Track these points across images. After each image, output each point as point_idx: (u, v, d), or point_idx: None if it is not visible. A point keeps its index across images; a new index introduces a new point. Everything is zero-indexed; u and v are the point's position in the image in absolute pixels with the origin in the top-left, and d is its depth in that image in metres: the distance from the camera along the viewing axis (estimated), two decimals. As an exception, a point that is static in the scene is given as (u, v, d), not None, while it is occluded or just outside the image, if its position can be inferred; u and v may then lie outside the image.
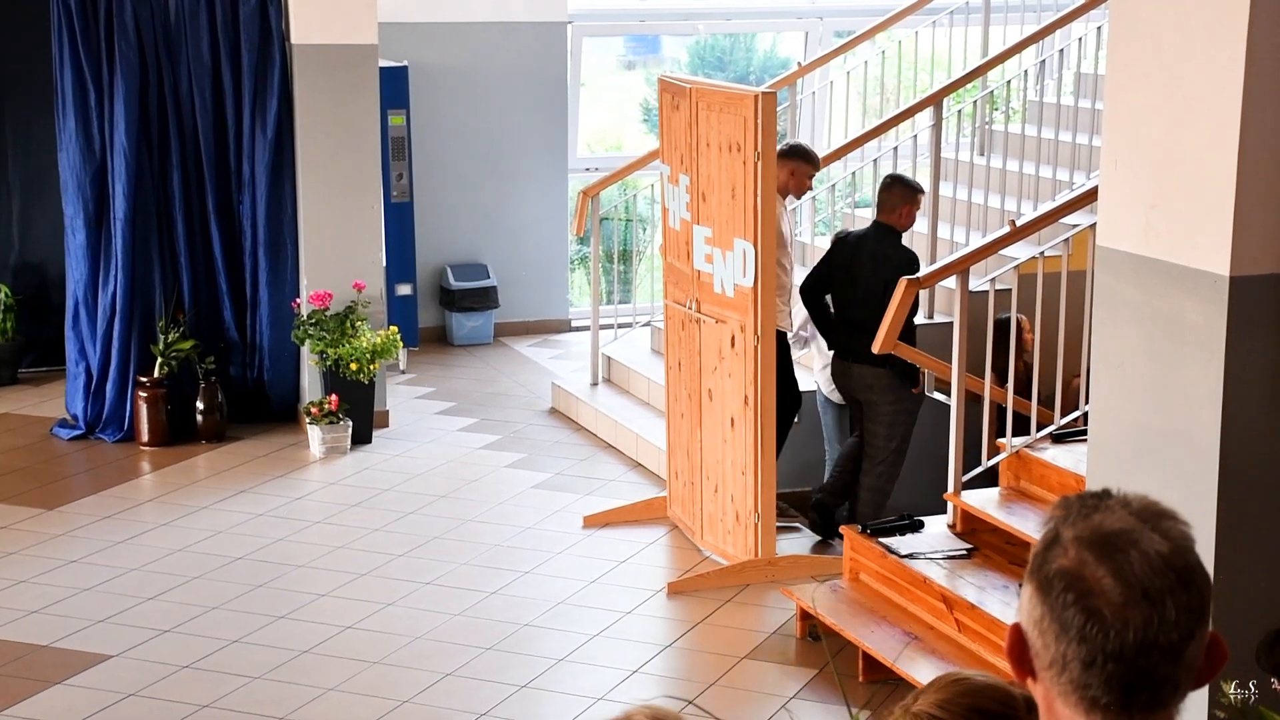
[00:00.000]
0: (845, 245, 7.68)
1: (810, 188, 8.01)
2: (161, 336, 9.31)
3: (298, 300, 9.41)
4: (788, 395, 7.59)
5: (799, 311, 8.02)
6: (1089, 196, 6.90)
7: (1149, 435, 4.44)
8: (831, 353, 7.76)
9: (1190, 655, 1.81)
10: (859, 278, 7.55)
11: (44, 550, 7.67)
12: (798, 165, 7.78)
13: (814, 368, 8.14)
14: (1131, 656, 1.78)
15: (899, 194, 7.58)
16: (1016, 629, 1.88)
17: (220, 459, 9.09)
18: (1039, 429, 6.93)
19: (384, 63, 10.04)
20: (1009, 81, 9.81)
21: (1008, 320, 7.32)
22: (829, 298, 7.73)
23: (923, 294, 7.83)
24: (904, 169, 9.14)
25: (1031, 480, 6.77)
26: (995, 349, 7.09)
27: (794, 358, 8.29)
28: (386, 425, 9.55)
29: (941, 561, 6.54)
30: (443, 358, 11.23)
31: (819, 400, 8.08)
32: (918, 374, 7.52)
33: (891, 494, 7.81)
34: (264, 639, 6.70)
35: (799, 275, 8.08)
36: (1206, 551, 4.26)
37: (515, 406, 10.08)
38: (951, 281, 6.92)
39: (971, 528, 6.79)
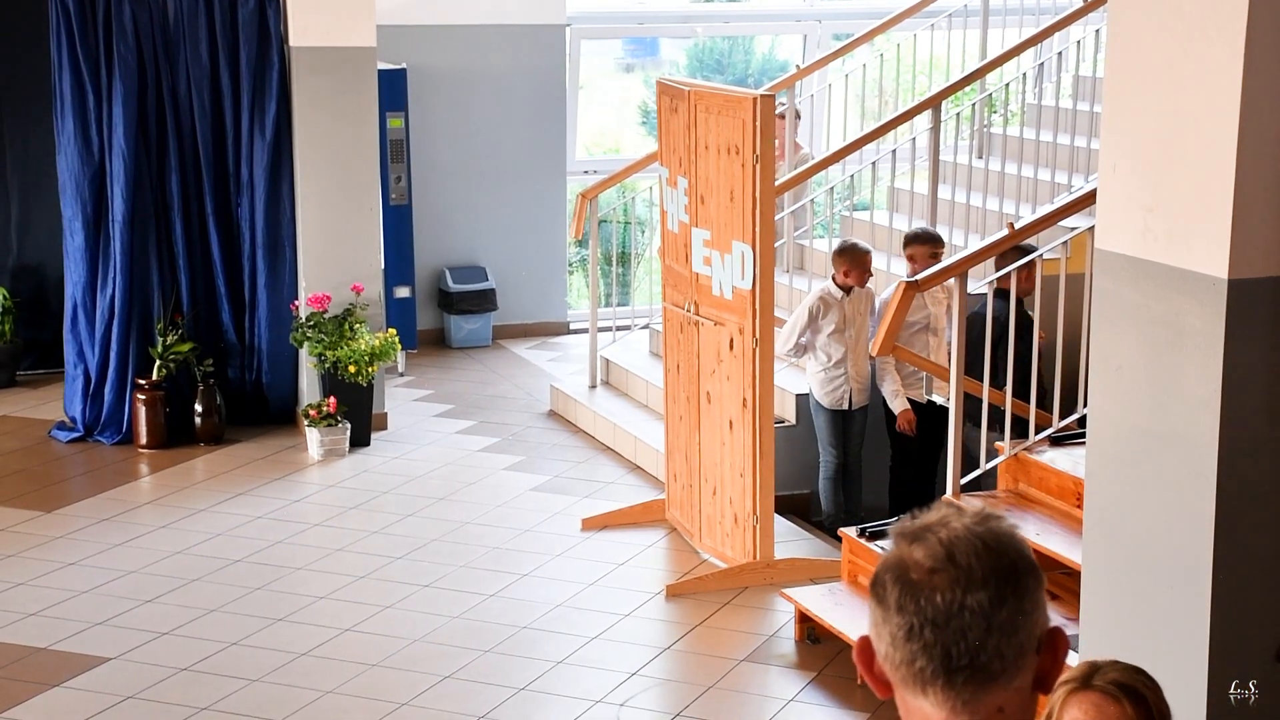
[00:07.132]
0: None
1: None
2: (160, 339, 9.30)
3: (296, 303, 9.40)
4: (928, 456, 7.88)
5: (792, 323, 8.07)
6: (1087, 199, 6.90)
7: (1147, 438, 4.44)
8: (829, 358, 7.87)
9: (1007, 624, 1.82)
10: None
11: (42, 553, 7.67)
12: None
13: (807, 371, 8.15)
14: (944, 620, 1.82)
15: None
16: (863, 639, 1.94)
17: (218, 461, 9.09)
18: (1037, 431, 6.93)
19: (382, 65, 10.04)
20: (1007, 84, 9.81)
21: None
22: None
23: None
24: (903, 172, 9.15)
25: (1030, 483, 6.77)
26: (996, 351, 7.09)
27: (794, 363, 8.30)
28: (385, 428, 9.55)
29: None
30: (441, 360, 11.23)
31: (811, 404, 8.10)
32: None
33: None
34: (262, 641, 6.69)
35: (796, 280, 8.09)
36: (1204, 554, 4.25)
37: (514, 409, 10.08)
38: (950, 284, 6.92)
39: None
